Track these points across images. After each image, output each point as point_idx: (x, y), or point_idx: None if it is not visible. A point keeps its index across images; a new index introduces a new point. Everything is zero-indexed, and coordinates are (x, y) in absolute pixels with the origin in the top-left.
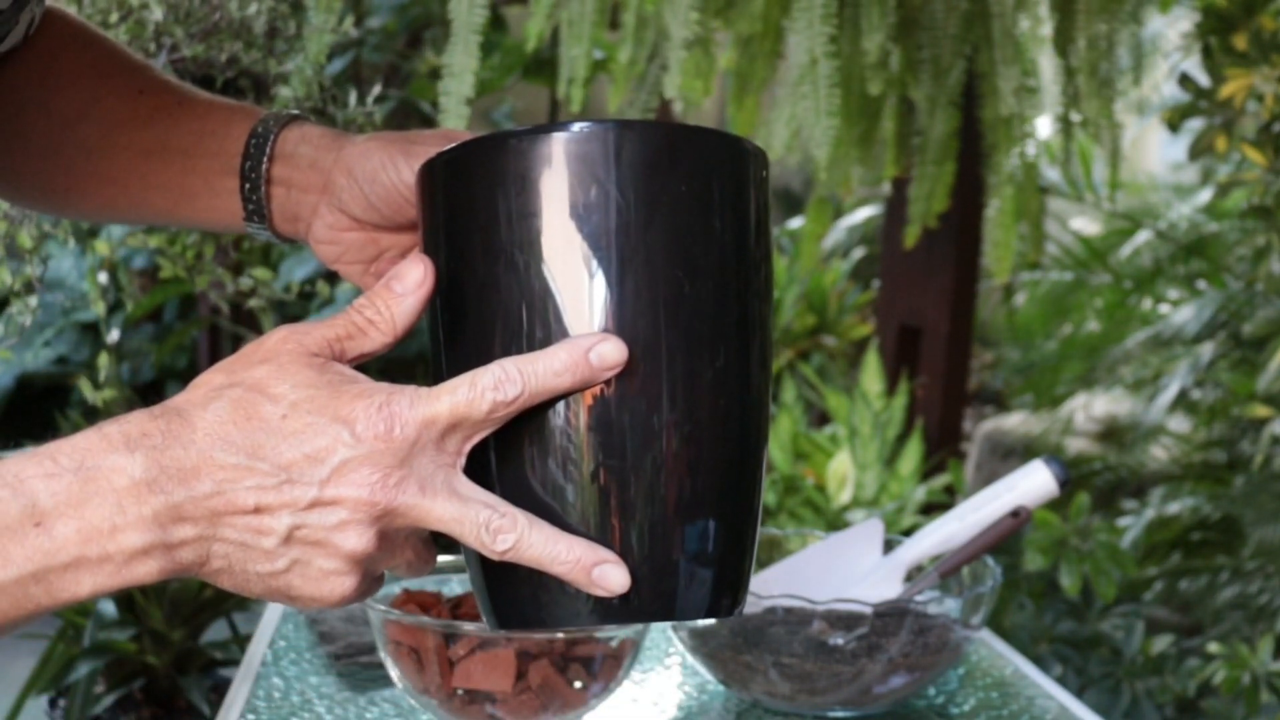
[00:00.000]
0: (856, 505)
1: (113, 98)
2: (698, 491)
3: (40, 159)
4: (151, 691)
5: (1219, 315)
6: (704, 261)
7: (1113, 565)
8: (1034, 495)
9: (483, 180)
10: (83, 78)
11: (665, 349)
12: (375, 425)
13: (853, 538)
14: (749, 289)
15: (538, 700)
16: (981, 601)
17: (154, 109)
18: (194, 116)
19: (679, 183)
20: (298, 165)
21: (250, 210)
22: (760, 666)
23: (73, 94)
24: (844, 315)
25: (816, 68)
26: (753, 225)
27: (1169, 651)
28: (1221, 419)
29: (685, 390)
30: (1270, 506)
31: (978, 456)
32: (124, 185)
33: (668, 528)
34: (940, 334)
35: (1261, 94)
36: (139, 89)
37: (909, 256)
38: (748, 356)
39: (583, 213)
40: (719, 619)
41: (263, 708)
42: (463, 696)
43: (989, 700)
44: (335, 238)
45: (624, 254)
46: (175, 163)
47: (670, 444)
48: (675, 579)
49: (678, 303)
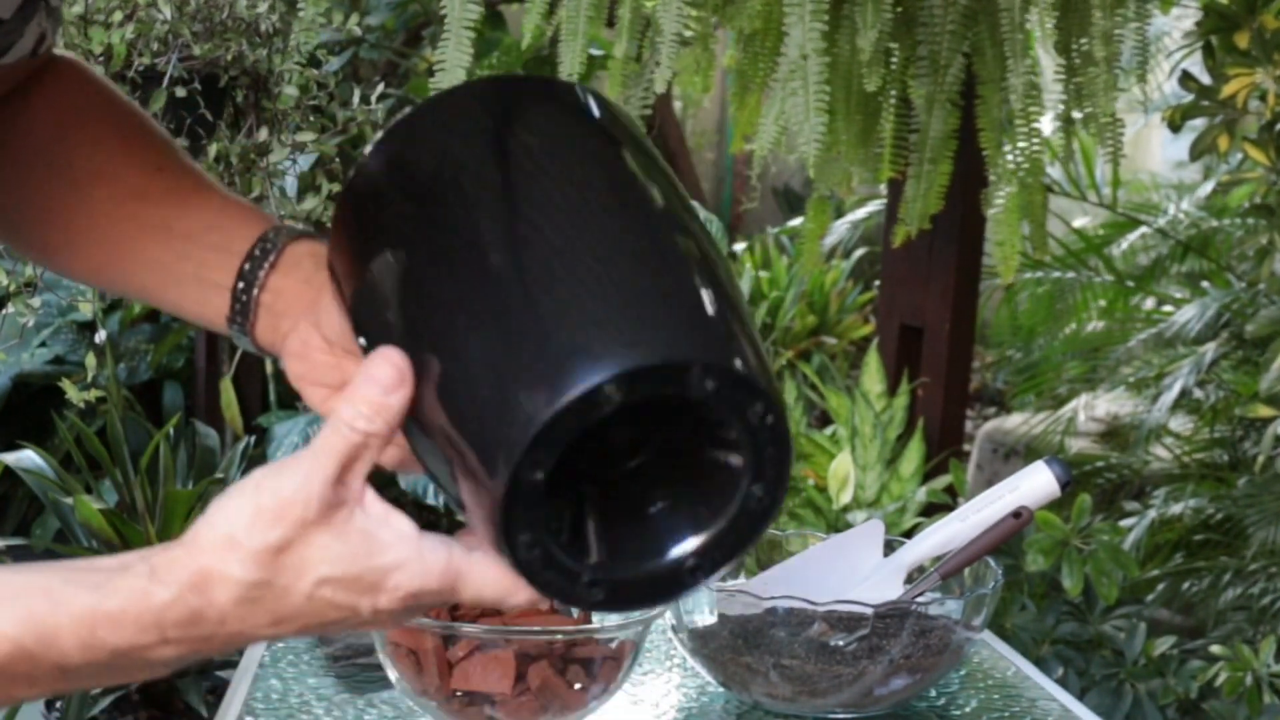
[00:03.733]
0: (857, 506)
1: (130, 169)
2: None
3: (41, 212)
4: (149, 693)
5: (1221, 315)
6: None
7: (1115, 566)
8: (1036, 496)
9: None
10: (104, 142)
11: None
12: (396, 609)
13: (854, 539)
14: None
15: (537, 702)
16: (983, 603)
17: (168, 189)
18: (207, 208)
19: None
20: (294, 277)
21: (236, 311)
22: (761, 668)
23: (92, 156)
24: (844, 315)
25: (807, 64)
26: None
27: (1171, 653)
28: (1224, 419)
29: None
30: (1273, 507)
31: (979, 457)
32: (118, 255)
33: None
34: (941, 334)
35: (1264, 92)
36: (158, 165)
37: (910, 256)
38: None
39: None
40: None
41: (261, 709)
42: (462, 698)
43: (990, 702)
44: (305, 354)
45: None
46: (175, 246)
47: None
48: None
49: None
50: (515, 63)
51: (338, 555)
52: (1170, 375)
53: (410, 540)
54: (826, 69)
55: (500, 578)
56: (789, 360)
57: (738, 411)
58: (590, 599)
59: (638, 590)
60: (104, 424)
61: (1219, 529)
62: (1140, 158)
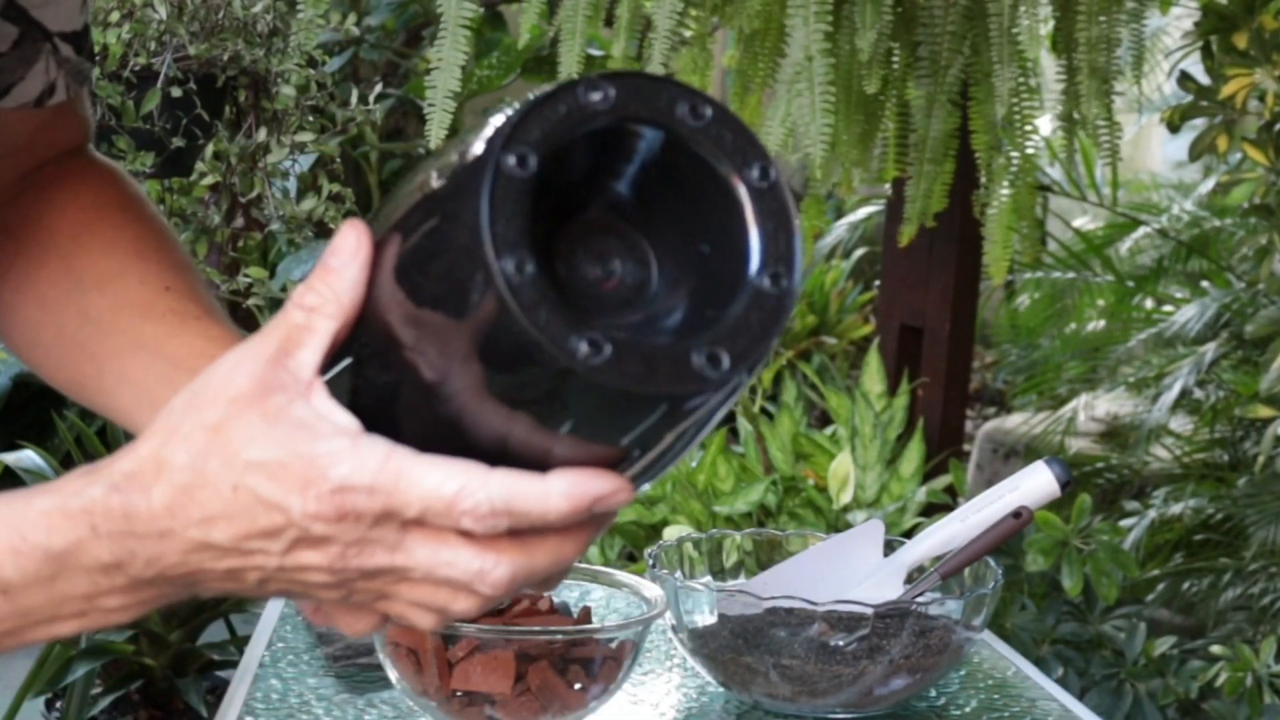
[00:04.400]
0: (857, 506)
1: (136, 281)
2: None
3: (38, 309)
4: (149, 693)
5: (1221, 315)
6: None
7: (1115, 566)
8: (1036, 496)
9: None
10: (117, 250)
11: None
12: (327, 514)
13: (854, 539)
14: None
15: (537, 702)
16: (983, 603)
17: (170, 310)
18: (203, 335)
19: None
20: None
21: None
22: (761, 668)
23: (101, 262)
24: (845, 315)
25: (812, 65)
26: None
27: (1171, 653)
28: (1224, 419)
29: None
30: (1273, 507)
31: (979, 457)
32: (102, 370)
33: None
34: (942, 334)
35: (1263, 93)
36: (166, 284)
37: (910, 256)
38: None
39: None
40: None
41: (261, 709)
42: (462, 698)
43: (990, 702)
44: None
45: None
46: (158, 369)
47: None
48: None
49: None
50: (515, 63)
51: (267, 438)
52: (1170, 375)
53: (348, 433)
54: (830, 70)
55: (454, 475)
56: (789, 360)
57: (732, 166)
58: (591, 357)
59: (649, 364)
60: (104, 424)
61: (1219, 529)
62: (1140, 158)
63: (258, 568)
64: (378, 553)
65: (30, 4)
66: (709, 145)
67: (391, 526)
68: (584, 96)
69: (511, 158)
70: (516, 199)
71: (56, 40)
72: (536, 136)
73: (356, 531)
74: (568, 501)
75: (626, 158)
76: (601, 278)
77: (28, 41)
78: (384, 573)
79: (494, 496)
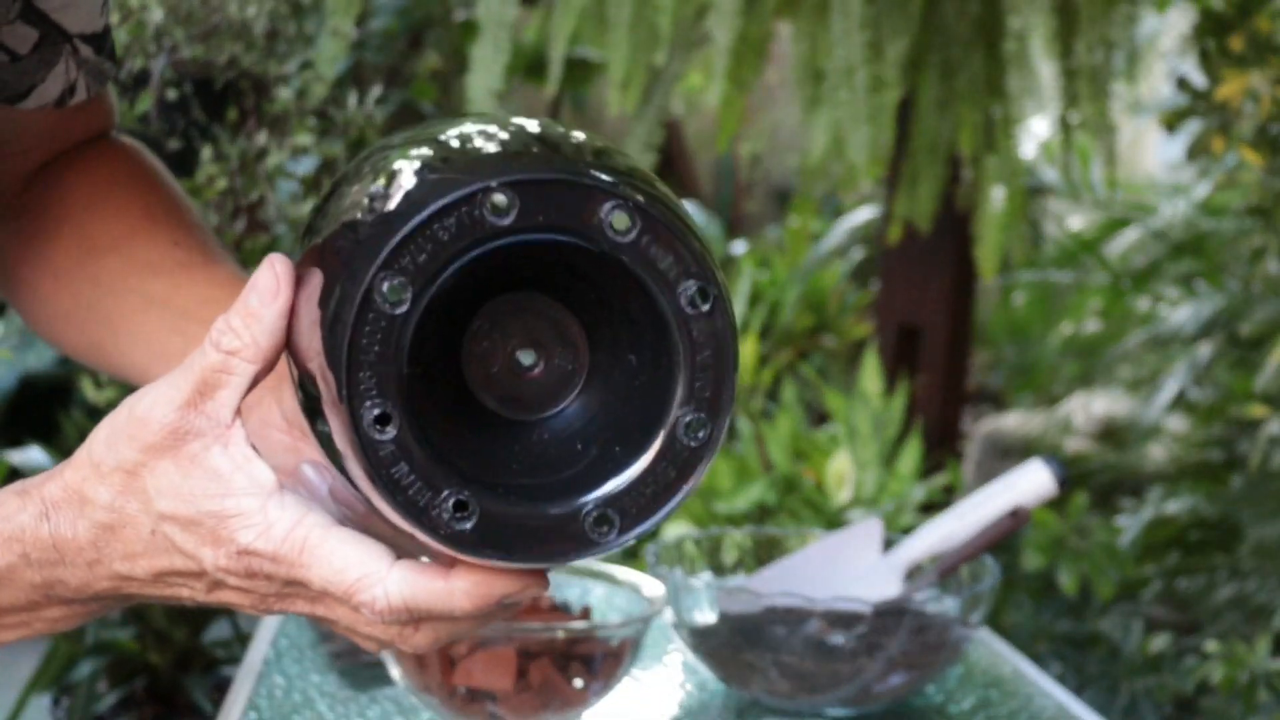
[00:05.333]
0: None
1: (146, 241)
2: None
3: (53, 281)
4: (154, 690)
5: (1217, 315)
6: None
7: (1111, 564)
8: (1032, 495)
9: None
10: (128, 212)
11: None
12: (236, 570)
13: (852, 537)
14: None
15: (538, 699)
16: (980, 600)
17: (178, 263)
18: (209, 282)
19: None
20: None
21: None
22: (760, 665)
23: (113, 225)
24: (844, 315)
25: (853, 75)
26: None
27: (1167, 650)
28: (1219, 419)
29: None
30: (1268, 506)
31: (976, 456)
32: (116, 332)
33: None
34: (939, 334)
35: (1258, 95)
36: (175, 240)
37: (908, 257)
38: None
39: None
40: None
41: (264, 706)
42: (463, 695)
43: (988, 699)
44: (262, 432)
45: None
46: (169, 320)
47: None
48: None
49: None
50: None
51: (177, 491)
52: (1166, 375)
53: (261, 492)
54: (871, 78)
55: (354, 564)
56: (789, 360)
57: (663, 286)
58: (450, 527)
59: (521, 534)
60: None
61: (1214, 527)
62: (1137, 160)
63: (188, 597)
64: (298, 603)
65: (50, 7)
66: (637, 259)
67: (308, 589)
68: (480, 212)
69: (382, 290)
70: (387, 340)
71: (76, 41)
72: (419, 264)
73: (271, 587)
74: (471, 601)
75: (560, 254)
76: (526, 368)
77: (48, 44)
78: (314, 615)
79: (391, 594)
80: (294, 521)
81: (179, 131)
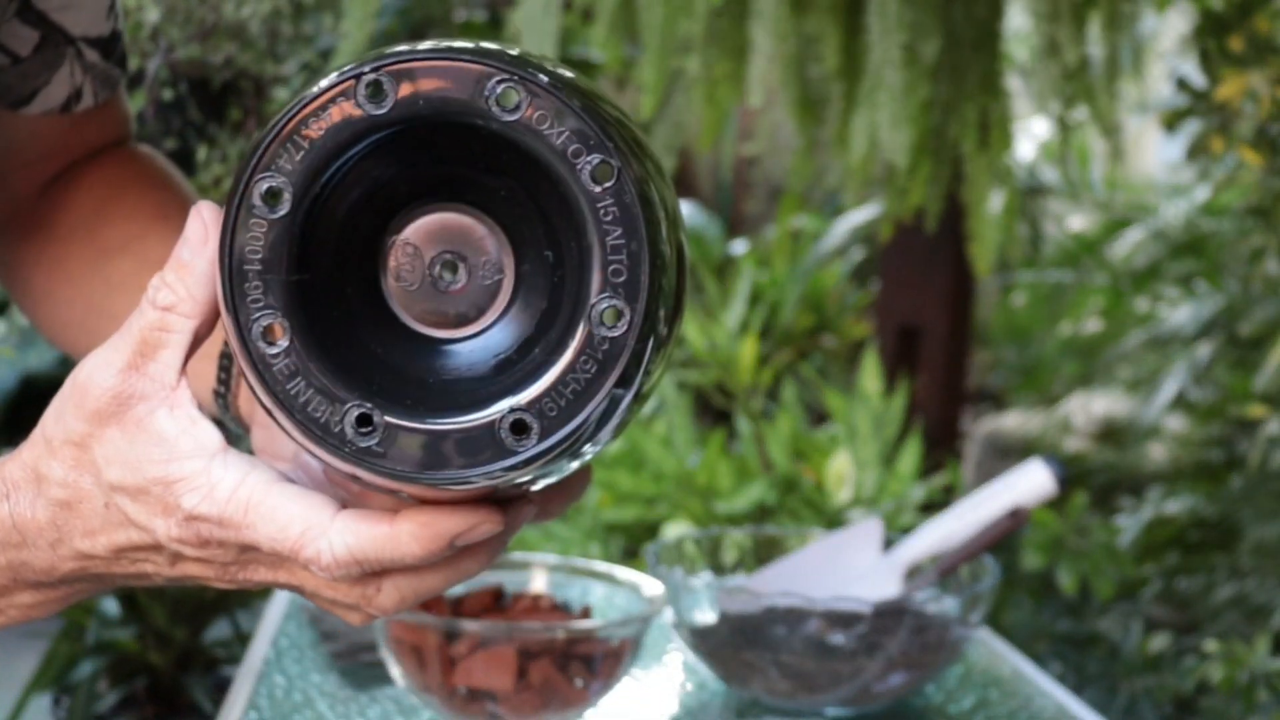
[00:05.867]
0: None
1: (158, 241)
2: None
3: (67, 287)
4: (154, 690)
5: (1217, 315)
6: None
7: (1110, 564)
8: (1032, 494)
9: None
10: (139, 215)
11: None
12: (188, 539)
13: (852, 536)
14: None
15: (539, 698)
16: (980, 600)
17: None
18: None
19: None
20: None
21: (221, 379)
22: (760, 664)
23: (124, 227)
24: (844, 315)
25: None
26: None
27: (1166, 650)
28: (1219, 419)
29: None
30: (1267, 506)
31: (976, 456)
32: None
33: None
34: (939, 334)
35: (1258, 95)
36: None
37: (908, 257)
38: None
39: None
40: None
41: (265, 705)
42: (464, 694)
43: (987, 698)
44: (268, 421)
45: None
46: None
47: None
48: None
49: None
50: None
51: (124, 459)
52: (1165, 375)
53: (205, 453)
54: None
55: (297, 518)
56: (789, 360)
57: (564, 164)
58: (355, 444)
59: (433, 448)
60: None
61: (1214, 527)
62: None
63: (154, 573)
64: (260, 570)
65: (49, 7)
66: (531, 137)
67: (261, 553)
68: (355, 101)
69: (260, 193)
70: (273, 247)
71: (81, 45)
72: (296, 163)
73: (227, 555)
74: (419, 544)
75: (454, 141)
76: (452, 283)
77: (49, 46)
78: (279, 585)
79: (335, 546)
80: (236, 482)
81: (175, 132)
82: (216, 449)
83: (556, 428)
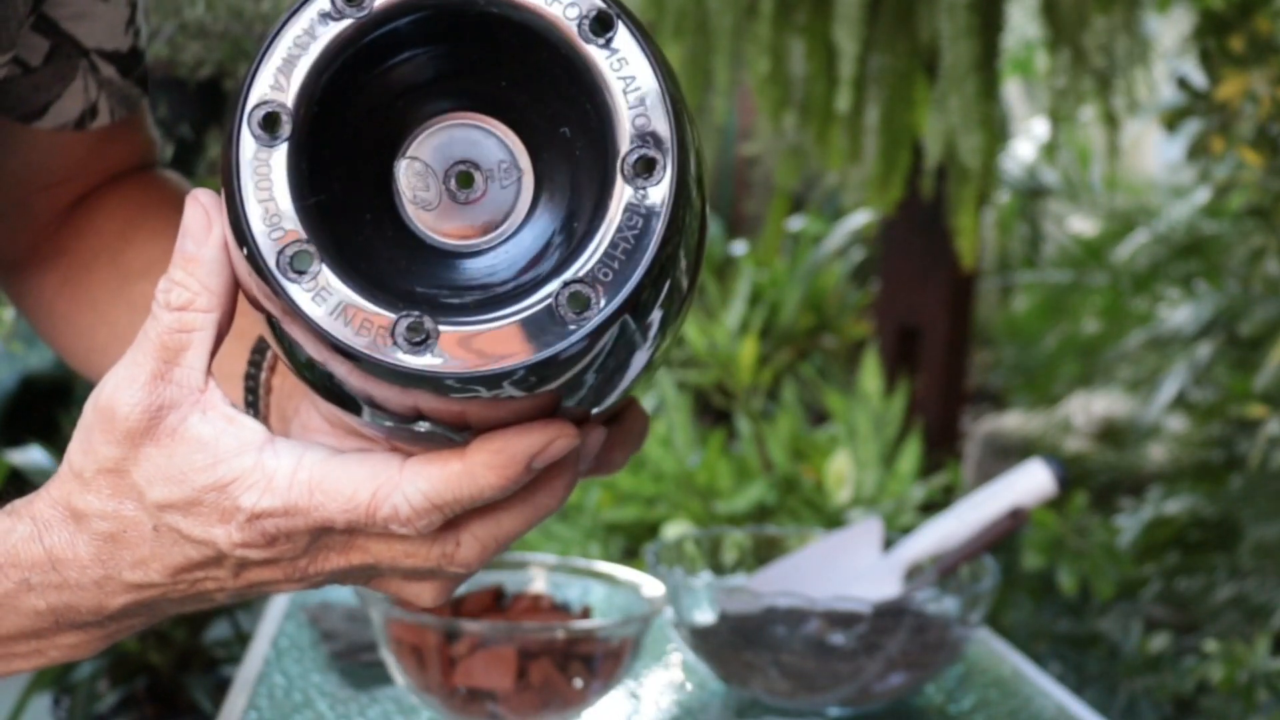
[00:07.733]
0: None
1: None
2: None
3: (91, 313)
4: (154, 690)
5: (1217, 316)
6: None
7: (1110, 564)
8: (1032, 495)
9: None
10: (163, 238)
11: None
12: (257, 542)
13: (852, 536)
14: None
15: (539, 698)
16: (980, 600)
17: None
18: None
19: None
20: None
21: (249, 401)
22: (760, 664)
23: (147, 250)
24: (844, 315)
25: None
26: None
27: (1166, 650)
28: (1219, 419)
29: None
30: (1267, 506)
31: (976, 456)
32: None
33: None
34: (939, 334)
35: (1258, 95)
36: None
37: (908, 257)
38: None
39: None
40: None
41: (265, 705)
42: (464, 694)
43: (987, 698)
44: (306, 439)
45: None
46: None
47: None
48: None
49: None
50: None
51: (166, 474)
52: (1165, 375)
53: (253, 448)
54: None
55: (365, 481)
56: (789, 360)
57: (561, 28)
58: (411, 364)
59: (493, 335)
60: None
61: (1214, 527)
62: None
63: (218, 590)
64: (331, 557)
65: (61, 16)
66: (523, 8)
67: (333, 534)
68: (336, 6)
69: (259, 120)
70: (287, 171)
71: (95, 58)
72: (289, 84)
73: (297, 548)
74: (496, 472)
75: (444, 37)
76: (470, 194)
77: (61, 56)
78: (351, 572)
79: (410, 496)
80: (293, 465)
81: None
82: (263, 440)
83: (618, 291)
